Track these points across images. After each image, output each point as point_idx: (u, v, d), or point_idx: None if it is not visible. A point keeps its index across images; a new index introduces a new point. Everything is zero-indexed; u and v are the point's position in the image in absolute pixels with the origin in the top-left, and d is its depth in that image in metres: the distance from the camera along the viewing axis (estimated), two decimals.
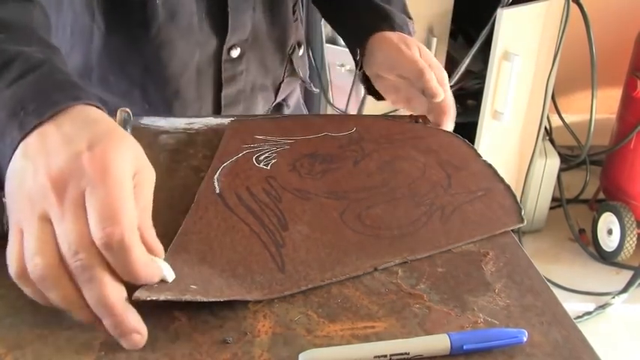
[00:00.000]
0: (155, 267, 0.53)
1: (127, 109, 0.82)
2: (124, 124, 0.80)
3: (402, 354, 0.51)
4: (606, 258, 2.48)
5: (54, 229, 0.50)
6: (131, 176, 0.53)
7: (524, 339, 0.53)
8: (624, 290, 2.29)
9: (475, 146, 2.45)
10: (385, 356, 0.50)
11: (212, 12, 0.89)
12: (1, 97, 0.56)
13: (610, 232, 2.47)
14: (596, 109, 2.40)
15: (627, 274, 2.36)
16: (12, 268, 0.50)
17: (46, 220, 0.50)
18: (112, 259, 0.49)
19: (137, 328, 0.50)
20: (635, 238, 2.40)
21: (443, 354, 0.52)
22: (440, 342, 0.52)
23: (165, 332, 0.52)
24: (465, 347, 0.52)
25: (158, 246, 0.55)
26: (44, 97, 0.55)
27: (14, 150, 0.54)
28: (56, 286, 0.49)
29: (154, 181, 0.56)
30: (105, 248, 0.49)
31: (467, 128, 2.36)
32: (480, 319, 0.56)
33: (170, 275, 0.54)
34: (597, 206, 2.60)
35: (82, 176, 0.50)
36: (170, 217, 0.67)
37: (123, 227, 0.49)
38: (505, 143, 2.40)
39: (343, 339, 0.53)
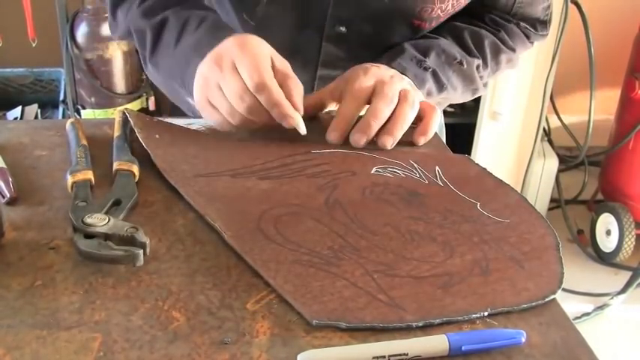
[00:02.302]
0: (289, 107, 0.78)
1: (126, 111, 0.82)
2: (123, 124, 0.81)
3: (400, 355, 0.51)
4: (605, 259, 2.48)
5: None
6: (266, 52, 0.80)
7: (523, 340, 0.53)
8: (623, 291, 2.29)
9: (473, 147, 2.47)
10: (384, 357, 0.50)
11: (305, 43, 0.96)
12: (187, 42, 0.87)
13: (608, 232, 2.47)
14: (594, 109, 2.40)
15: (626, 275, 2.36)
16: (224, 115, 0.80)
17: (219, 87, 0.79)
18: (262, 99, 0.77)
19: (291, 114, 0.78)
20: (633, 239, 2.40)
21: (441, 355, 0.52)
22: (439, 343, 0.52)
23: (164, 333, 0.52)
24: (463, 348, 0.52)
25: (296, 102, 0.79)
26: (213, 35, 0.84)
27: (197, 70, 0.82)
28: (234, 115, 0.79)
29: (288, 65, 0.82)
30: (256, 91, 0.77)
31: (465, 129, 2.36)
32: (479, 319, 0.56)
33: (302, 129, 0.79)
34: (596, 207, 2.60)
35: (229, 51, 0.79)
36: (169, 218, 0.67)
37: (264, 76, 0.77)
38: (503, 144, 2.40)
39: (342, 340, 0.53)
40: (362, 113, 0.84)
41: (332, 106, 0.89)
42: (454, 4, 0.95)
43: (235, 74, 0.77)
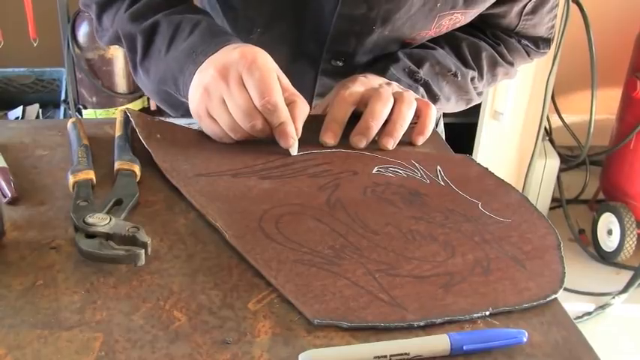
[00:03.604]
0: (293, 128, 0.77)
1: (128, 110, 0.82)
2: (124, 124, 0.81)
3: (402, 354, 0.51)
4: (606, 258, 2.48)
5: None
6: (274, 68, 0.77)
7: (524, 339, 0.53)
8: (624, 290, 2.29)
9: (474, 147, 2.47)
10: (385, 357, 0.50)
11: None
12: (180, 47, 0.83)
13: (610, 232, 2.47)
14: (595, 109, 2.40)
15: (627, 275, 2.36)
16: (226, 131, 0.78)
17: (222, 102, 0.76)
18: (271, 117, 0.76)
19: (293, 135, 0.77)
20: (634, 239, 2.40)
21: (443, 354, 0.52)
22: (440, 342, 0.52)
23: (165, 333, 0.52)
24: (464, 348, 0.51)
25: (298, 126, 0.78)
26: (208, 42, 0.81)
27: (192, 77, 0.80)
28: (237, 131, 0.78)
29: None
30: (264, 111, 0.75)
31: (466, 128, 2.36)
32: (480, 319, 0.56)
33: (295, 152, 0.78)
34: (597, 206, 2.60)
35: (237, 64, 0.75)
36: (170, 217, 0.67)
37: (275, 96, 0.75)
38: (505, 143, 2.40)
39: (343, 339, 0.53)
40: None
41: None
42: (449, 27, 0.94)
43: (243, 90, 0.75)
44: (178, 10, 0.89)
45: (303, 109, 0.79)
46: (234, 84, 0.75)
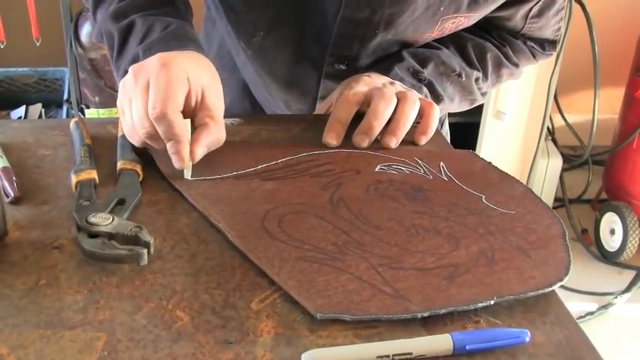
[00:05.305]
0: (185, 148, 0.71)
1: None
2: None
3: (404, 354, 0.51)
4: (609, 258, 2.48)
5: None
6: (201, 80, 0.74)
7: (527, 339, 0.53)
8: (627, 290, 2.29)
9: (477, 146, 2.46)
10: (388, 356, 0.50)
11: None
12: (148, 44, 0.80)
13: (612, 232, 2.47)
14: (598, 109, 2.40)
15: (630, 274, 2.36)
16: (134, 126, 0.74)
17: (130, 102, 0.73)
18: (159, 129, 0.71)
19: (184, 156, 0.71)
20: (637, 238, 2.40)
21: (445, 354, 0.52)
22: (442, 342, 0.52)
23: (167, 332, 0.52)
24: (467, 347, 0.51)
25: (196, 149, 0.73)
26: (165, 43, 0.79)
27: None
28: (133, 135, 0.74)
29: (219, 92, 0.77)
30: (154, 120, 0.70)
31: (469, 128, 2.36)
32: (483, 319, 0.56)
33: (187, 175, 0.72)
34: (600, 206, 2.60)
35: (149, 69, 0.72)
36: (173, 217, 0.67)
37: (168, 107, 0.70)
38: (507, 143, 2.40)
39: (346, 339, 0.53)
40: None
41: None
42: (452, 30, 0.93)
43: (144, 95, 0.72)
44: (156, 13, 0.86)
45: (213, 134, 0.75)
46: (140, 86, 0.72)
